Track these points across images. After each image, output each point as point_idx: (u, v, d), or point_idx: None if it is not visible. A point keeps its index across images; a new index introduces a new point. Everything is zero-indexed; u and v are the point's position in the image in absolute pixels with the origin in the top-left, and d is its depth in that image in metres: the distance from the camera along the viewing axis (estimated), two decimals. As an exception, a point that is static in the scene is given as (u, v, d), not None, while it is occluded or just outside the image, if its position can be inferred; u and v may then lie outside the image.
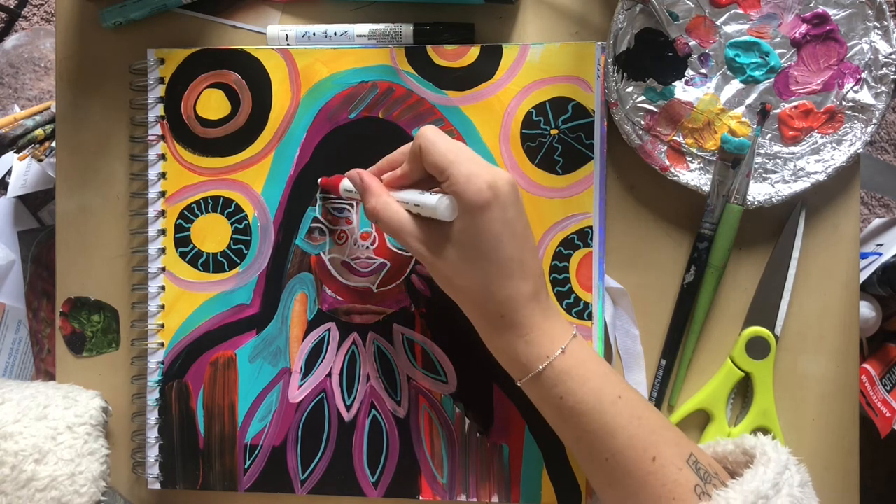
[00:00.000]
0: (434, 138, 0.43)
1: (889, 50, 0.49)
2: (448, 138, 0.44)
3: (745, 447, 0.45)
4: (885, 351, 0.71)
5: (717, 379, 0.52)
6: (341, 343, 0.53)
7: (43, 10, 1.26)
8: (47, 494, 0.49)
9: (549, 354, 0.43)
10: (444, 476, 0.53)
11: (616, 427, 0.42)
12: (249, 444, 0.54)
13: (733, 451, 0.46)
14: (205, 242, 0.54)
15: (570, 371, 0.43)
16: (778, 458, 0.43)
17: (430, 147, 0.43)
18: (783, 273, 0.51)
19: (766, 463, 0.42)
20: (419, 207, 0.44)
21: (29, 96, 0.90)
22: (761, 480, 0.41)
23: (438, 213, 0.42)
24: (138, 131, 0.55)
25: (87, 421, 0.51)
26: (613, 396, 0.42)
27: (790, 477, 0.42)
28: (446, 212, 0.42)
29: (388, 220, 0.45)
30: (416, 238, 0.44)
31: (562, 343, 0.43)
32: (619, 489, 0.42)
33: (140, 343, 0.55)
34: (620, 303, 0.53)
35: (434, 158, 0.43)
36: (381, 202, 0.45)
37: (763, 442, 0.45)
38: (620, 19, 0.51)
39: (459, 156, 0.42)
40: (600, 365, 0.44)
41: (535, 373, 0.43)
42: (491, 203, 0.41)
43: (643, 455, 0.41)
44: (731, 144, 0.50)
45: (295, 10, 0.55)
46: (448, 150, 0.43)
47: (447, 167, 0.42)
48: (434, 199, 0.43)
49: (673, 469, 0.41)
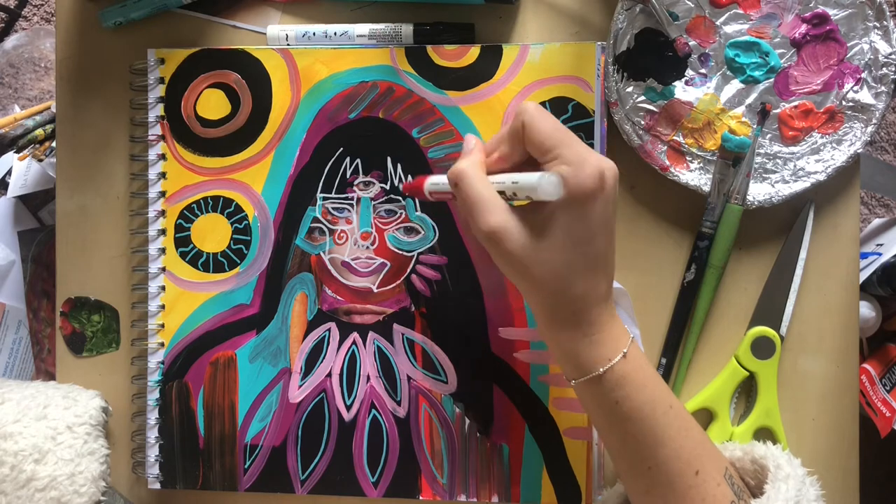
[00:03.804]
0: (539, 115, 0.40)
1: (889, 50, 0.49)
2: (552, 117, 0.40)
3: (754, 456, 0.45)
4: (885, 351, 0.71)
5: (720, 378, 0.52)
6: (341, 343, 0.53)
7: (43, 10, 1.26)
8: (47, 494, 0.49)
9: (611, 357, 0.41)
10: (444, 476, 0.53)
11: (665, 437, 0.41)
12: (249, 444, 0.54)
13: (741, 459, 0.45)
14: (205, 242, 0.54)
15: (629, 376, 0.41)
16: (795, 472, 0.43)
17: (534, 124, 0.39)
18: (790, 273, 0.51)
19: (786, 479, 0.42)
20: (517, 185, 0.39)
21: (29, 96, 0.90)
22: (785, 499, 0.41)
23: (540, 190, 0.37)
24: (138, 131, 0.55)
25: (86, 421, 0.51)
26: (666, 406, 0.41)
27: (806, 492, 0.42)
28: (553, 189, 0.37)
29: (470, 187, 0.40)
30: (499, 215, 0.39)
31: (624, 346, 0.41)
32: (658, 499, 0.41)
33: (140, 343, 0.55)
34: (620, 303, 0.53)
35: (539, 137, 0.39)
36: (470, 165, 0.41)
37: (776, 454, 0.44)
38: (620, 19, 0.51)
39: (568, 137, 0.39)
40: (654, 371, 0.43)
41: (595, 374, 0.41)
42: (597, 193, 0.38)
43: (687, 468, 0.41)
44: (732, 143, 0.50)
45: (295, 10, 0.55)
46: (556, 128, 0.39)
47: (556, 146, 0.39)
48: (536, 176, 0.38)
49: (713, 484, 0.41)
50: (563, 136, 0.39)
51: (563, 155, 0.39)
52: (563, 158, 0.38)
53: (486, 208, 0.39)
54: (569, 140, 0.39)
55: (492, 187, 0.40)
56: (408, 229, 0.53)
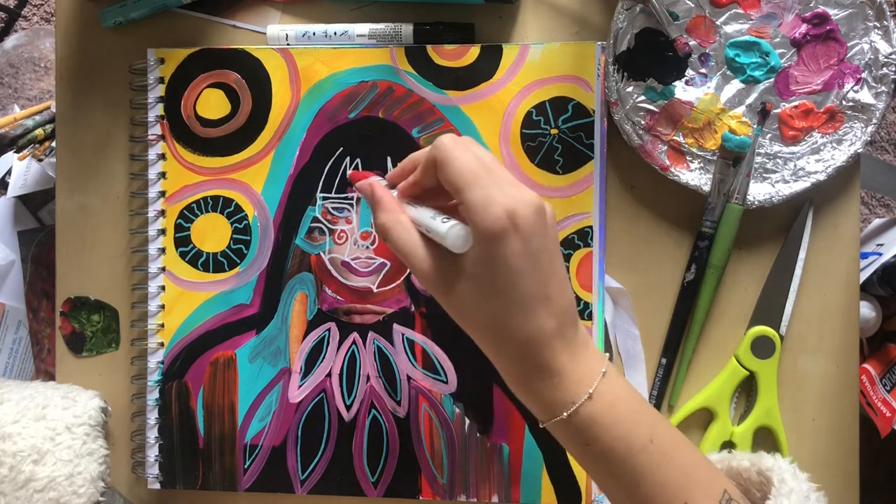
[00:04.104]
0: (451, 152, 0.38)
1: (889, 50, 0.49)
2: (471, 153, 0.38)
3: (760, 467, 0.43)
4: (885, 351, 0.71)
5: (721, 378, 0.52)
6: (341, 343, 0.53)
7: (43, 10, 1.26)
8: (45, 495, 0.49)
9: (574, 400, 0.38)
10: (444, 476, 0.53)
11: (645, 473, 0.39)
12: (249, 444, 0.54)
13: (748, 469, 0.44)
14: (205, 242, 0.54)
15: (597, 417, 0.39)
16: (799, 487, 0.41)
17: (446, 162, 0.38)
18: (789, 273, 0.51)
19: (788, 494, 0.41)
20: (430, 232, 0.39)
21: (29, 96, 0.90)
22: None
23: (448, 243, 0.38)
24: (138, 131, 0.55)
25: (85, 421, 0.51)
26: (644, 441, 0.39)
27: None
28: (457, 242, 0.37)
29: (396, 241, 0.40)
30: (426, 267, 0.39)
31: (589, 386, 0.39)
32: None
33: (140, 343, 0.55)
34: (620, 303, 0.53)
35: (449, 177, 0.38)
36: (391, 219, 0.40)
37: (781, 467, 0.43)
38: (620, 19, 0.51)
39: (479, 177, 0.37)
40: (631, 403, 0.40)
41: (559, 420, 0.39)
42: (509, 234, 0.36)
43: (673, 500, 0.38)
44: (732, 142, 0.50)
45: (295, 9, 0.55)
46: (466, 169, 0.37)
47: (462, 190, 0.37)
48: (445, 228, 0.38)
49: None
50: (472, 177, 0.37)
51: (467, 199, 0.37)
52: (468, 203, 0.37)
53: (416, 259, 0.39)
54: (479, 182, 0.37)
55: (415, 237, 0.40)
56: (408, 229, 0.53)
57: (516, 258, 0.37)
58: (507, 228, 0.36)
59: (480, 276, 0.38)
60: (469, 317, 0.39)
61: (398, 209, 0.41)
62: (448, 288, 0.39)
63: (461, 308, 0.39)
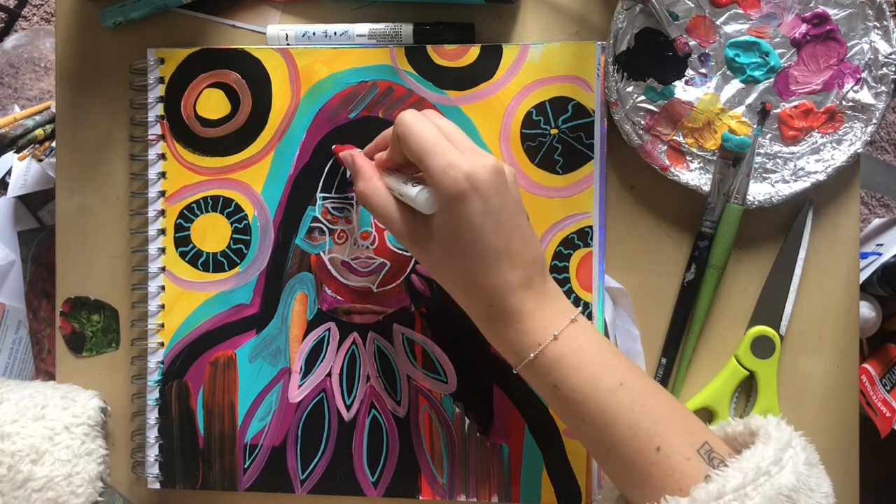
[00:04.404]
0: (411, 126, 0.41)
1: (889, 50, 0.49)
2: (428, 124, 0.42)
3: (751, 427, 0.43)
4: (885, 351, 0.71)
5: (721, 377, 0.52)
6: (341, 343, 0.53)
7: (43, 10, 1.26)
8: (44, 495, 0.49)
9: (540, 342, 0.41)
10: (444, 476, 0.53)
11: (616, 415, 0.40)
12: (249, 444, 0.54)
13: (742, 433, 0.44)
14: (205, 242, 0.54)
15: (564, 359, 0.41)
16: (780, 435, 0.41)
17: (406, 136, 0.41)
18: (789, 273, 0.51)
19: (767, 441, 0.40)
20: (404, 197, 0.43)
21: (29, 96, 0.90)
22: (761, 457, 0.39)
23: (417, 206, 0.42)
24: (138, 131, 0.55)
25: (84, 421, 0.51)
26: (614, 383, 0.40)
27: (795, 455, 0.40)
28: (425, 205, 0.41)
29: (375, 207, 0.44)
30: (402, 229, 0.43)
31: (555, 329, 0.41)
32: (626, 480, 0.40)
33: (140, 343, 0.55)
34: (620, 303, 0.53)
35: (410, 148, 0.41)
36: (369, 187, 0.44)
37: (767, 421, 0.43)
38: (620, 19, 0.51)
39: (436, 145, 0.41)
40: (601, 350, 0.42)
41: (528, 361, 0.41)
42: (468, 194, 0.40)
43: (646, 445, 0.39)
44: (732, 142, 0.50)
45: (295, 9, 0.55)
46: (424, 139, 0.41)
47: (423, 158, 0.41)
48: (414, 192, 0.42)
49: (680, 459, 0.39)
50: (430, 145, 0.41)
51: (428, 166, 0.40)
52: (430, 170, 0.40)
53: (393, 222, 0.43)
54: (437, 149, 0.40)
55: (392, 202, 0.44)
56: (408, 229, 0.53)
57: (478, 216, 0.40)
58: (466, 190, 0.40)
59: (447, 234, 0.41)
60: (441, 271, 0.43)
61: (376, 177, 0.45)
62: (422, 246, 0.43)
63: (434, 263, 0.43)
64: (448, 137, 0.42)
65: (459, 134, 0.43)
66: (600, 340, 0.43)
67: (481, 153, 0.42)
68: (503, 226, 0.41)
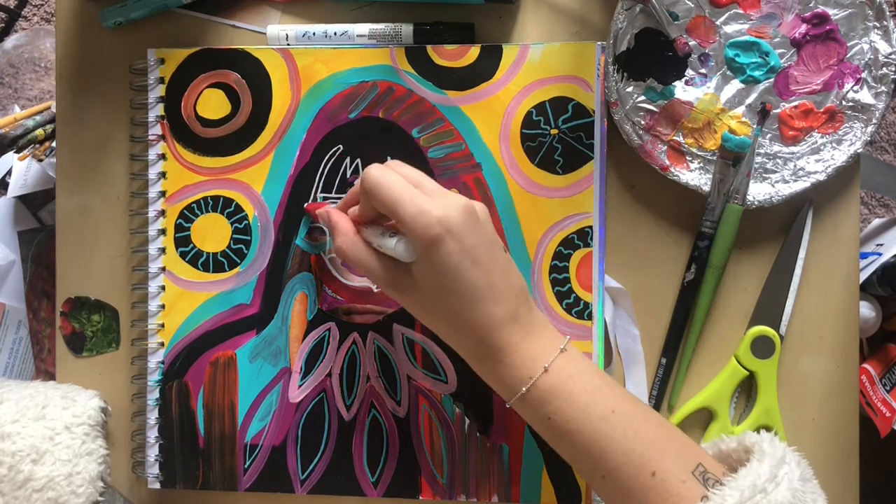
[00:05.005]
0: (377, 181, 0.42)
1: (889, 50, 0.49)
2: (393, 175, 0.43)
3: (745, 444, 0.44)
4: (885, 351, 0.71)
5: (721, 377, 0.52)
6: (341, 343, 0.53)
7: (43, 10, 1.26)
8: (44, 495, 0.49)
9: (531, 375, 0.41)
10: (444, 476, 0.53)
11: (609, 443, 0.40)
12: (249, 444, 0.54)
13: (736, 449, 0.45)
14: (205, 242, 0.54)
15: (555, 390, 0.41)
16: (774, 452, 0.42)
17: (373, 191, 0.42)
18: (789, 273, 0.51)
19: (762, 458, 0.41)
20: (383, 248, 0.44)
21: (29, 96, 0.90)
22: (756, 475, 0.39)
23: (397, 255, 0.43)
24: (138, 131, 0.55)
25: (85, 421, 0.51)
26: (605, 411, 0.41)
27: (790, 471, 0.40)
28: (403, 254, 0.42)
29: (356, 261, 0.45)
30: (384, 280, 0.44)
31: (545, 361, 0.42)
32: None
33: (140, 343, 0.55)
34: (620, 302, 0.53)
35: (380, 201, 0.42)
36: (348, 242, 0.45)
37: (762, 438, 0.44)
38: (620, 19, 0.51)
39: (404, 195, 0.41)
40: (592, 378, 0.42)
41: (520, 394, 0.42)
42: (443, 238, 0.40)
43: (641, 471, 0.40)
44: (732, 142, 0.50)
45: (295, 9, 0.55)
46: (392, 190, 0.42)
47: (393, 209, 0.41)
48: (392, 242, 0.43)
49: (675, 482, 0.39)
50: (398, 196, 0.41)
51: (399, 217, 0.41)
52: (401, 219, 0.41)
53: (374, 274, 0.44)
54: (404, 198, 0.41)
55: (371, 255, 0.44)
56: (408, 229, 0.53)
57: (455, 257, 0.41)
58: (440, 234, 0.40)
59: (428, 279, 0.42)
60: (428, 316, 0.44)
61: (352, 231, 0.45)
62: (406, 293, 0.43)
63: (420, 308, 0.44)
64: (415, 185, 0.43)
65: (426, 179, 0.44)
66: (590, 368, 0.43)
67: (450, 195, 0.42)
68: (481, 263, 0.41)
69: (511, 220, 0.52)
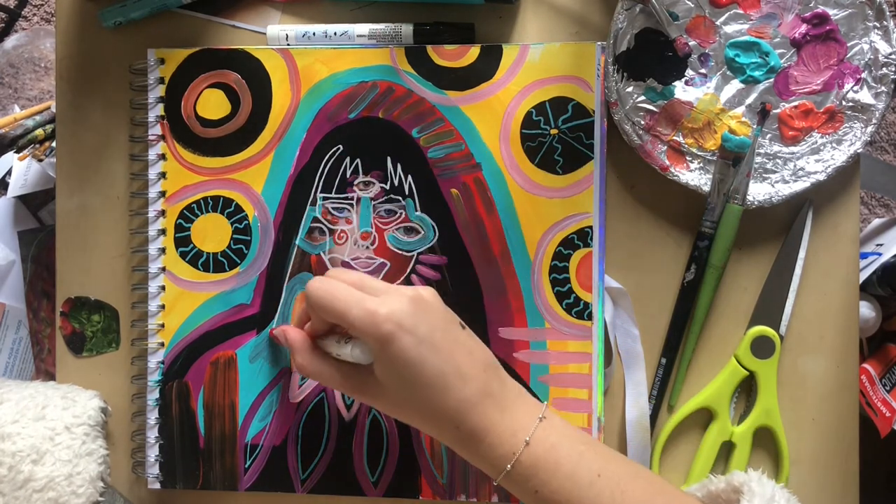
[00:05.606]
0: (320, 294, 0.42)
1: (889, 50, 0.49)
2: (333, 283, 0.43)
3: (734, 484, 0.44)
4: (885, 351, 0.71)
5: (720, 378, 0.52)
6: (341, 343, 0.53)
7: (43, 10, 1.26)
8: (45, 495, 0.49)
9: (514, 451, 0.41)
10: (444, 476, 0.53)
11: None
12: (250, 444, 0.54)
13: (725, 490, 0.45)
14: (205, 242, 0.54)
15: (539, 462, 0.41)
16: (763, 491, 0.42)
17: (319, 304, 0.43)
18: (789, 273, 0.51)
19: (751, 498, 0.41)
20: (341, 356, 0.45)
21: (29, 96, 0.90)
22: None
23: (357, 360, 0.43)
24: (138, 131, 0.55)
25: (85, 421, 0.51)
26: (591, 476, 0.41)
27: None
28: (361, 357, 0.43)
29: (318, 376, 0.45)
30: (350, 387, 0.44)
31: (525, 434, 0.41)
32: None
33: (140, 343, 0.55)
34: (620, 303, 0.53)
35: (327, 313, 0.43)
36: (306, 359, 0.45)
37: (749, 477, 0.44)
38: (620, 19, 0.51)
39: (349, 300, 0.41)
40: (574, 443, 0.42)
41: (506, 472, 0.41)
42: (395, 333, 0.40)
43: None
44: (732, 143, 0.50)
45: (295, 10, 0.55)
46: (335, 298, 0.42)
47: (342, 317, 0.42)
48: (349, 349, 0.44)
49: None
50: (343, 303, 0.41)
51: (350, 322, 0.41)
52: (352, 324, 0.41)
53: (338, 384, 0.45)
54: (350, 303, 0.41)
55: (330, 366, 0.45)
56: (408, 229, 0.53)
57: (412, 351, 0.40)
58: (392, 331, 0.40)
59: (392, 376, 0.42)
60: (401, 412, 0.44)
61: (308, 347, 0.46)
62: (374, 395, 0.43)
63: (392, 407, 0.44)
64: (359, 287, 0.43)
65: (368, 279, 0.44)
66: (571, 432, 0.43)
67: (395, 290, 0.42)
68: (441, 348, 0.41)
69: (511, 220, 0.52)
